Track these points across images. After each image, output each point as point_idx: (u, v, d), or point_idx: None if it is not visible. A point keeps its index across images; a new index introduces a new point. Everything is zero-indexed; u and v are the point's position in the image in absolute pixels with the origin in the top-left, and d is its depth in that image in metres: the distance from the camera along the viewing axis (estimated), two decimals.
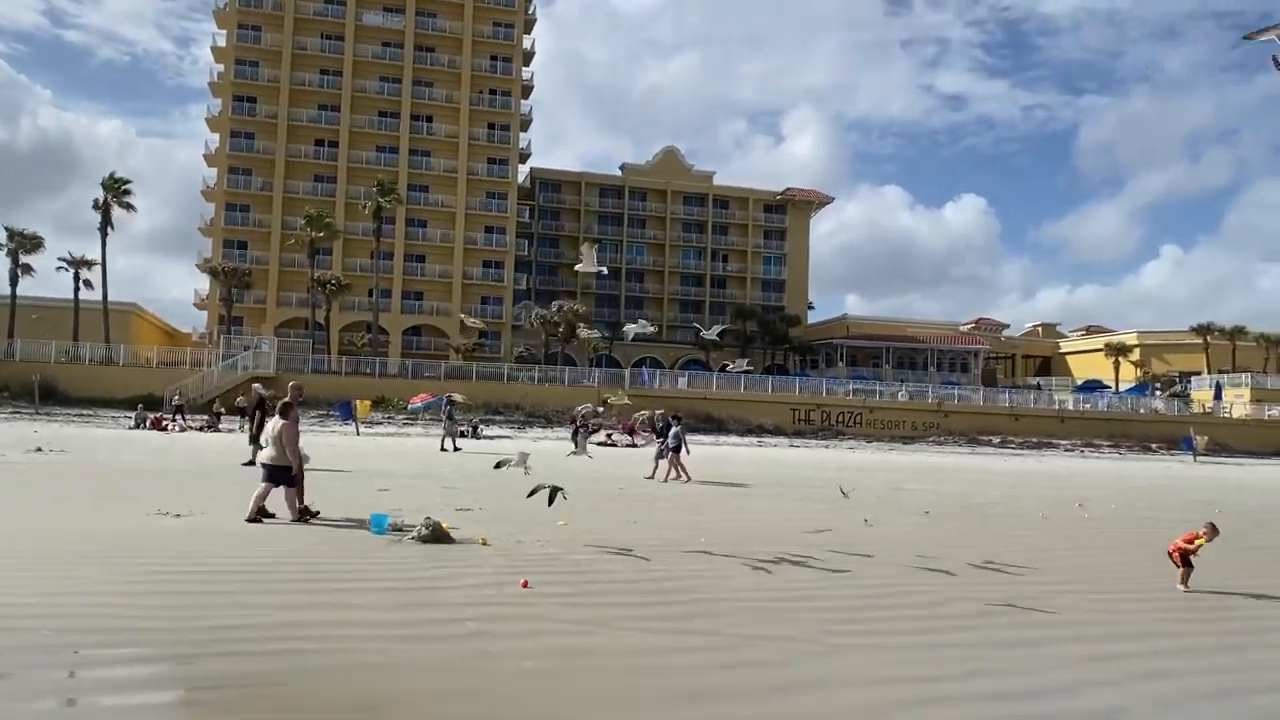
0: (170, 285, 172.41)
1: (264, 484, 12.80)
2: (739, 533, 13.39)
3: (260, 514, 12.55)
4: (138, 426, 39.23)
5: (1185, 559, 9.96)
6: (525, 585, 8.73)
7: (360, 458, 27.13)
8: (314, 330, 65.19)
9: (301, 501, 12.87)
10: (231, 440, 33.68)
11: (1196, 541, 9.86)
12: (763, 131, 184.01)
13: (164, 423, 39.65)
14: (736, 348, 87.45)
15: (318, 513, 12.97)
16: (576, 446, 14.30)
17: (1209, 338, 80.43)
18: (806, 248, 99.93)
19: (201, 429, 38.60)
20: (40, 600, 7.36)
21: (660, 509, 16.31)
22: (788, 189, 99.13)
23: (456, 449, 32.44)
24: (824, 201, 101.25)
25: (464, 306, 78.55)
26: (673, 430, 22.99)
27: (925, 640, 7.31)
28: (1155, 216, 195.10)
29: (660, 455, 23.37)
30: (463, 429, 41.55)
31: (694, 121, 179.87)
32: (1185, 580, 9.90)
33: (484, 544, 11.31)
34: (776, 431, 53.85)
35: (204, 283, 76.63)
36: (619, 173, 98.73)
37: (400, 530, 12.01)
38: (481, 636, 6.86)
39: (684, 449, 23.05)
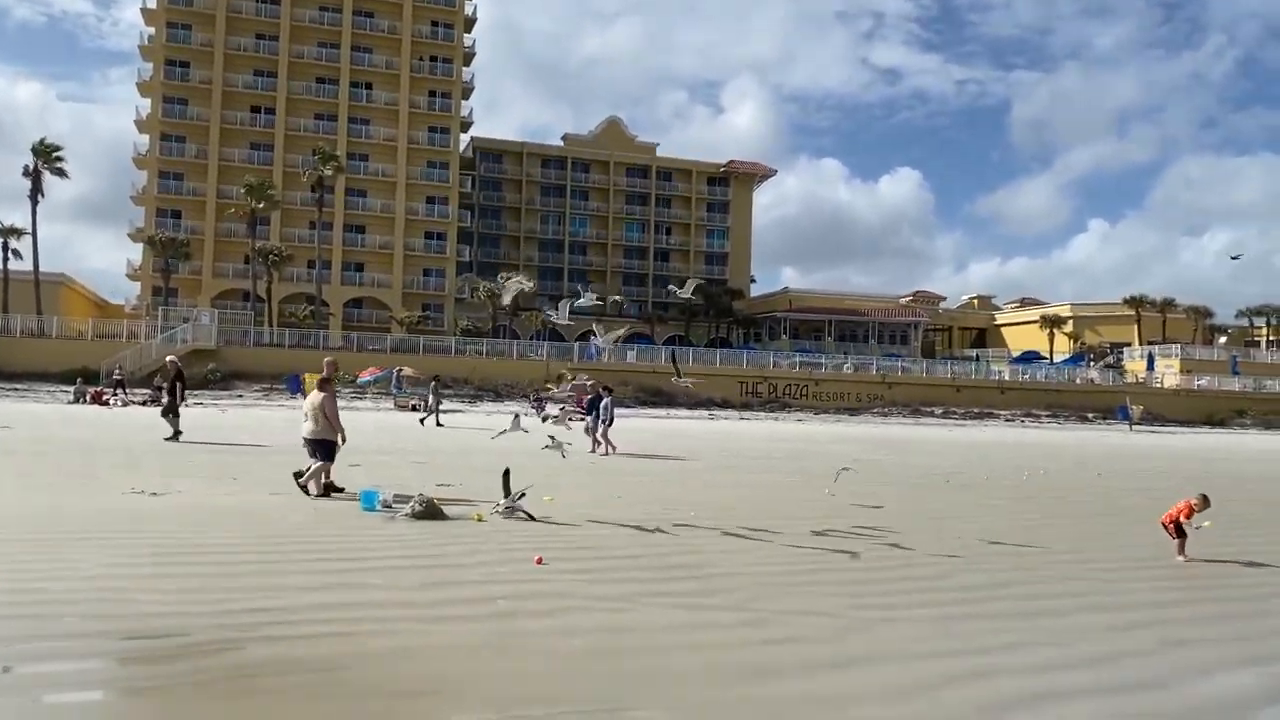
0: (93, 255, 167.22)
1: (312, 459, 12.78)
2: (722, 507, 13.45)
3: (329, 489, 12.65)
4: (77, 401, 38.13)
5: (1179, 529, 10.24)
6: (540, 561, 8.68)
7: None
8: (254, 303, 63.83)
9: (328, 477, 12.87)
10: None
11: (1190, 511, 10.15)
12: (703, 103, 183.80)
13: (105, 397, 38.58)
14: (681, 320, 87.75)
15: (342, 489, 12.92)
16: (553, 441, 14.37)
17: (1140, 310, 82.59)
18: (749, 221, 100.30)
19: (144, 403, 37.58)
20: (54, 585, 7.12)
21: (636, 484, 16.29)
22: (731, 161, 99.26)
23: (440, 424, 32.27)
24: (766, 174, 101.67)
25: (406, 279, 77.62)
26: (603, 402, 22.83)
27: (949, 613, 7.41)
28: (1084, 191, 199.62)
29: (590, 429, 23.10)
30: (414, 403, 41.16)
31: (634, 92, 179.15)
32: (1182, 550, 10.18)
33: (480, 520, 11.23)
34: (725, 404, 54.15)
35: (136, 253, 74.53)
36: (561, 143, 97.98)
37: (390, 507, 11.88)
38: (517, 615, 6.80)
39: (610, 421, 22.96)
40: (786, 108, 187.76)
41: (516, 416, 13.72)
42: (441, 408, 36.58)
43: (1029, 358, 77.55)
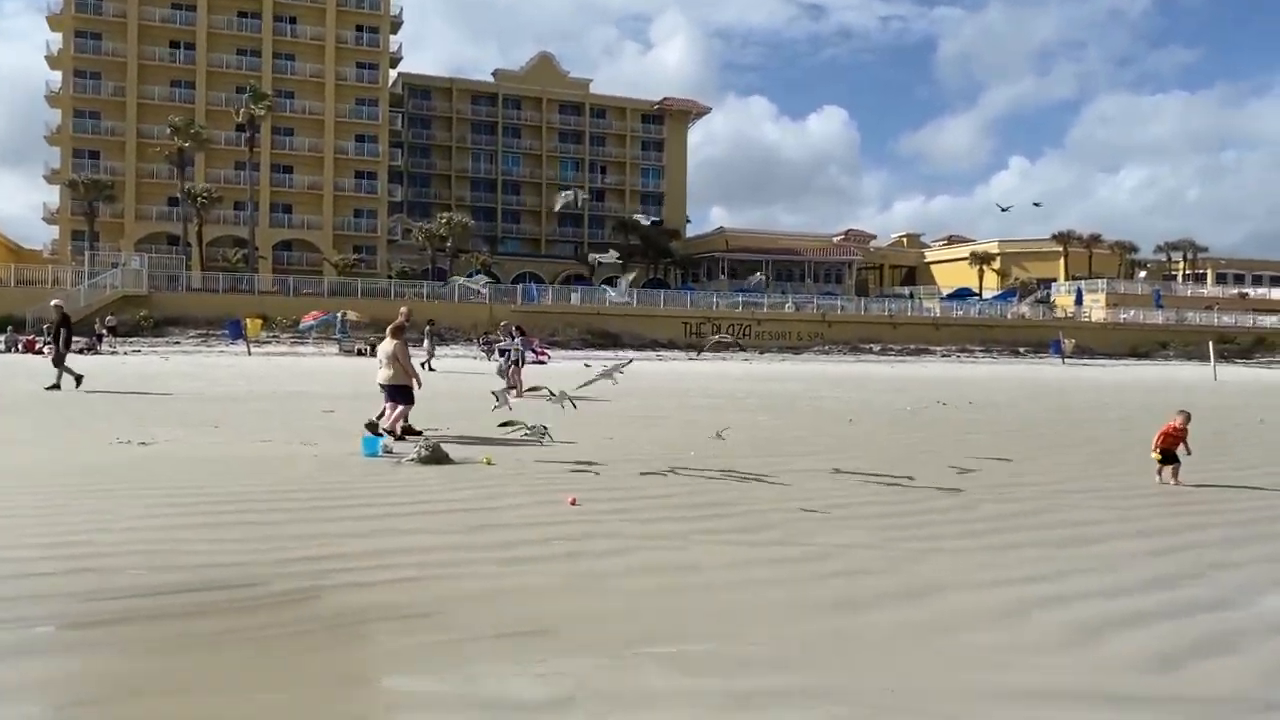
0: (1, 199, 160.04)
1: (388, 404, 13.17)
2: (708, 447, 13.50)
3: (406, 432, 12.98)
4: (8, 350, 36.79)
5: (1171, 454, 10.60)
6: (574, 503, 8.67)
7: (272, 379, 26.18)
8: (184, 247, 61.87)
9: (406, 420, 13.26)
10: (120, 362, 31.98)
11: (1181, 434, 10.55)
12: (632, 38, 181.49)
13: (37, 345, 37.27)
14: (619, 262, 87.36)
15: (421, 431, 13.18)
16: (502, 395, 14.48)
17: (1067, 246, 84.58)
18: (684, 160, 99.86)
19: (81, 351, 36.37)
20: (101, 537, 6.90)
21: (620, 427, 16.24)
22: (665, 99, 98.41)
23: (432, 369, 32.33)
24: (701, 112, 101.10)
25: (336, 220, 75.91)
26: (515, 341, 22.82)
27: (988, 543, 7.56)
28: (1005, 129, 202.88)
29: (504, 372, 22.66)
30: (360, 347, 40.56)
31: (563, 27, 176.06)
32: (1175, 475, 10.55)
33: (489, 464, 11.15)
34: (671, 345, 54.33)
35: (53, 195, 71.65)
36: (492, 79, 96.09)
37: (391, 452, 11.75)
38: (580, 556, 6.78)
39: (523, 362, 23.03)
40: (714, 44, 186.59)
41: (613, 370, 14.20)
42: (450, 354, 36.24)
43: (962, 294, 79.04)
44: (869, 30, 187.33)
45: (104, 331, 39.32)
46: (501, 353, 23.74)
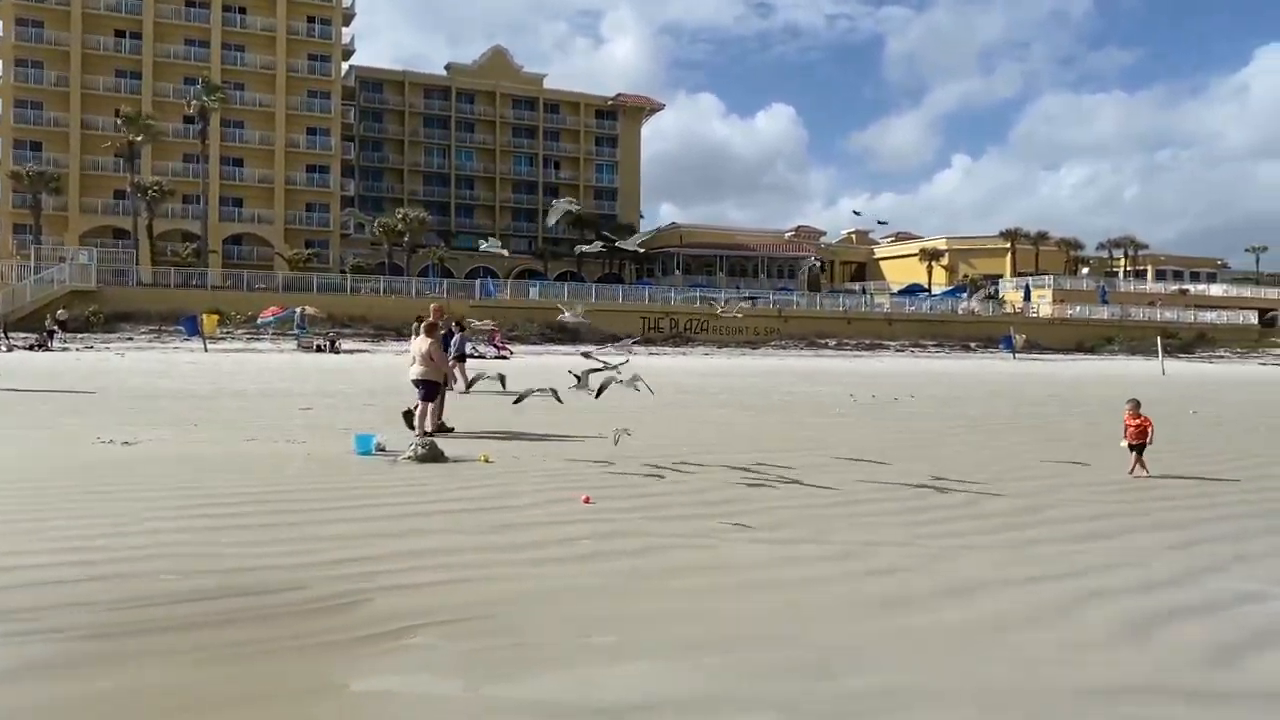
0: None
1: (422, 401, 13.33)
2: (702, 443, 13.53)
3: (440, 429, 13.34)
4: None
5: (1140, 445, 10.94)
6: (588, 501, 8.61)
7: (238, 377, 25.71)
8: (135, 241, 60.40)
9: (439, 417, 13.59)
10: (75, 359, 31.19)
11: (1138, 422, 10.96)
12: (583, 34, 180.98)
13: None
14: (572, 257, 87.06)
15: (453, 429, 13.62)
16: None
17: (1015, 242, 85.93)
18: (638, 155, 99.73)
19: (31, 348, 35.46)
20: (115, 541, 6.72)
21: (602, 423, 16.13)
22: (619, 95, 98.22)
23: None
24: (655, 108, 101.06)
25: (288, 214, 74.75)
26: (455, 338, 21.88)
27: (1012, 539, 7.63)
28: (950, 127, 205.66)
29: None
30: (320, 343, 39.98)
31: (514, 22, 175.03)
32: (1144, 465, 10.95)
33: (487, 461, 11.04)
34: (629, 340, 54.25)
35: None
36: (445, 73, 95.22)
37: (384, 450, 11.59)
38: (615, 555, 6.73)
39: (463, 358, 22.11)
40: (663, 40, 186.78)
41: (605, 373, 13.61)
42: (346, 348, 35.87)
43: (913, 290, 79.91)
44: (816, 28, 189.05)
45: (54, 328, 38.30)
46: (445, 346, 23.09)
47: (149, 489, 8.71)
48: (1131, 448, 11.07)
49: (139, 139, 59.26)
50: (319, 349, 38.82)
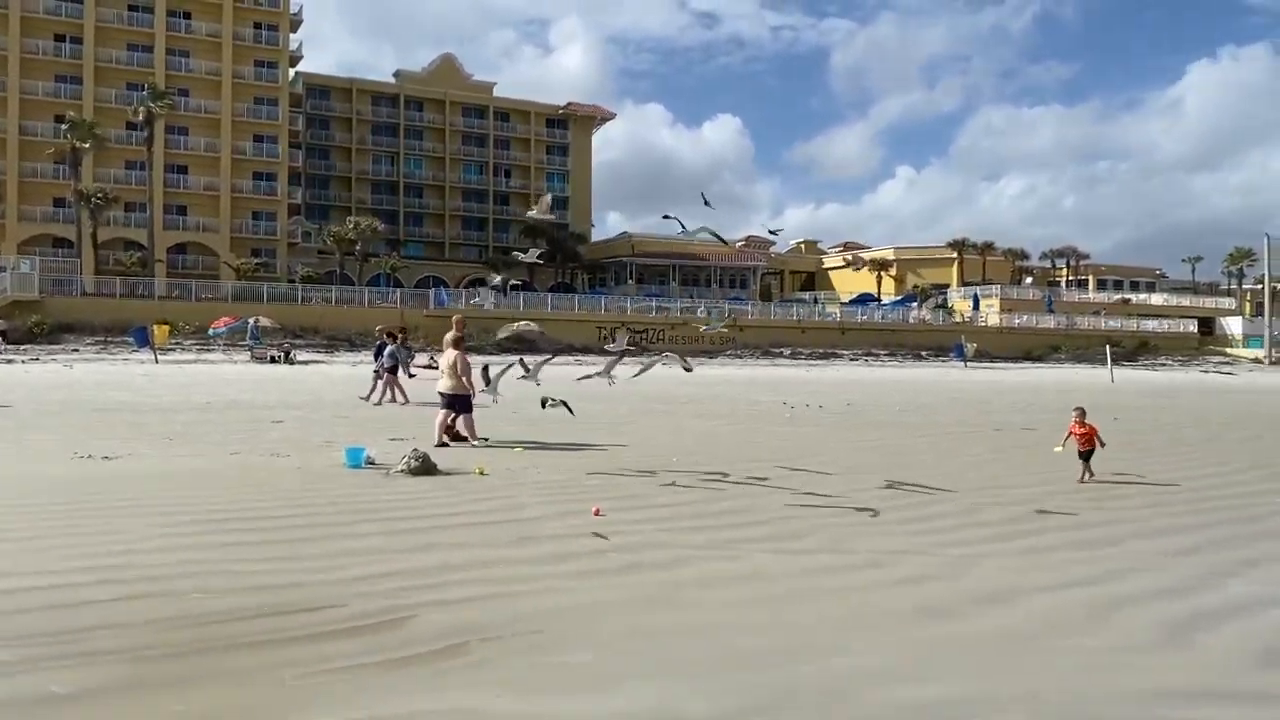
0: None
1: (444, 411, 13.65)
2: (690, 452, 13.61)
3: (449, 439, 13.53)
4: None
5: (1088, 452, 11.22)
6: (598, 513, 8.57)
7: (198, 389, 25.24)
8: (79, 250, 58.98)
9: (472, 430, 13.70)
10: (22, 371, 30.37)
11: (1085, 430, 11.21)
12: (531, 42, 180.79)
13: None
14: (523, 266, 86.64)
15: (487, 439, 13.79)
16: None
17: (963, 252, 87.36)
18: (589, 164, 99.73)
19: None
20: (141, 559, 6.54)
21: (585, 433, 16.11)
22: (570, 103, 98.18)
23: (411, 375, 31.21)
24: (606, 117, 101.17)
25: (234, 222, 73.56)
26: (388, 350, 21.26)
27: (1024, 546, 7.74)
28: (894, 139, 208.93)
29: (377, 376, 21.43)
30: (274, 354, 39.37)
31: (461, 30, 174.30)
32: (1090, 470, 11.24)
33: (482, 474, 10.94)
34: (586, 350, 54.10)
35: None
36: (394, 80, 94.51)
37: (374, 463, 11.44)
38: (645, 568, 6.69)
39: (400, 370, 21.32)
40: (610, 50, 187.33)
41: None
42: (300, 359, 35.39)
43: (864, 300, 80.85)
44: (761, 40, 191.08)
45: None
46: (377, 356, 21.94)
47: (151, 506, 8.50)
48: (1080, 455, 11.28)
49: (85, 145, 57.89)
50: (273, 360, 38.21)
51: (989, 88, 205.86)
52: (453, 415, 13.67)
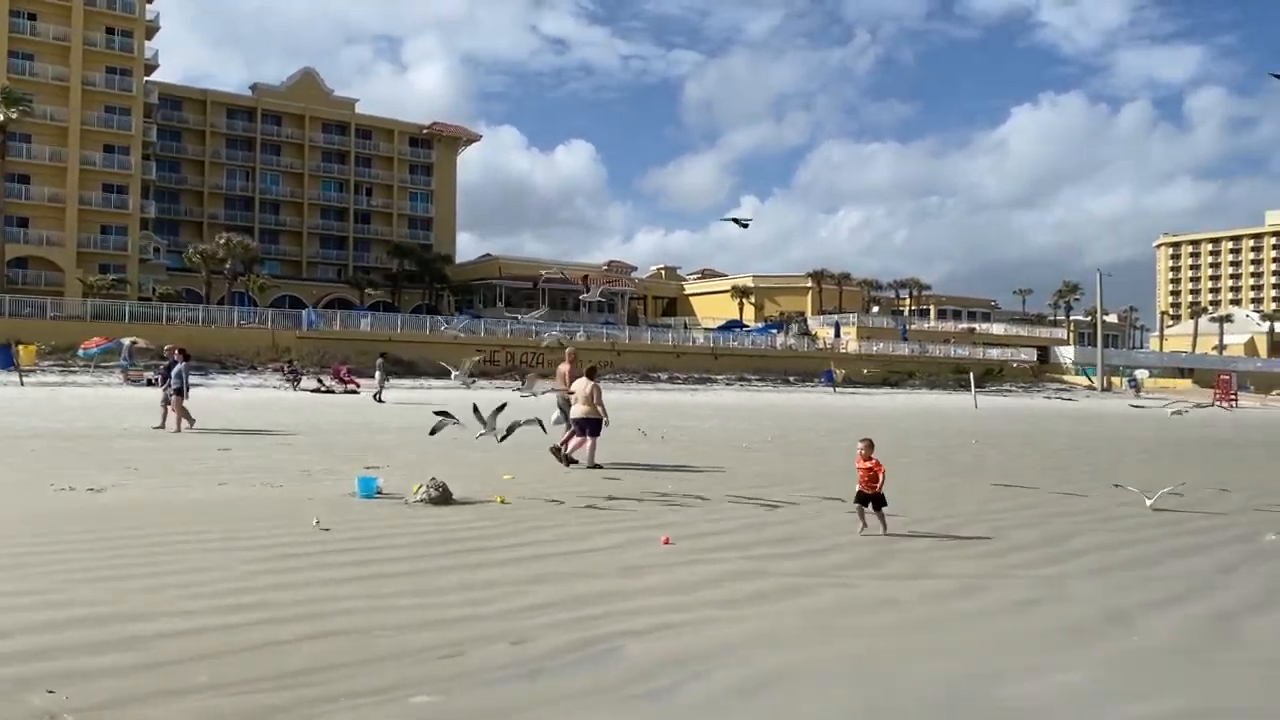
0: None
1: (578, 436, 14.91)
2: (676, 478, 13.81)
3: (567, 460, 14.75)
4: None
5: (872, 495, 9.35)
6: (667, 542, 8.69)
7: (91, 413, 23.83)
8: None
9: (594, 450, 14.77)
10: None
11: (869, 465, 9.39)
12: (384, 59, 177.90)
13: None
14: (388, 286, 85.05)
15: (576, 460, 14.81)
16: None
17: (821, 282, 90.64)
18: (454, 185, 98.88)
19: None
20: (272, 597, 6.30)
21: (536, 459, 16.07)
22: (434, 123, 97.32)
23: (381, 400, 32.21)
24: (472, 138, 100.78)
25: (81, 236, 69.51)
26: (175, 369, 19.47)
27: (1081, 568, 8.21)
28: (742, 169, 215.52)
29: (165, 401, 19.60)
30: (151, 377, 37.35)
31: (314, 44, 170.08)
32: (883, 519, 9.41)
33: (502, 503, 10.87)
34: (469, 373, 53.45)
35: None
36: (250, 93, 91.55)
37: (383, 494, 11.20)
38: (772, 597, 6.80)
39: (185, 392, 19.46)
40: (466, 70, 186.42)
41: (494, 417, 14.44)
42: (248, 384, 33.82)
43: (731, 326, 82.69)
44: (611, 68, 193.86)
45: None
46: (165, 377, 20.29)
47: (204, 541, 8.11)
48: (861, 498, 9.36)
49: None
50: (150, 383, 36.22)
51: (833, 123, 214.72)
52: (571, 437, 14.94)
